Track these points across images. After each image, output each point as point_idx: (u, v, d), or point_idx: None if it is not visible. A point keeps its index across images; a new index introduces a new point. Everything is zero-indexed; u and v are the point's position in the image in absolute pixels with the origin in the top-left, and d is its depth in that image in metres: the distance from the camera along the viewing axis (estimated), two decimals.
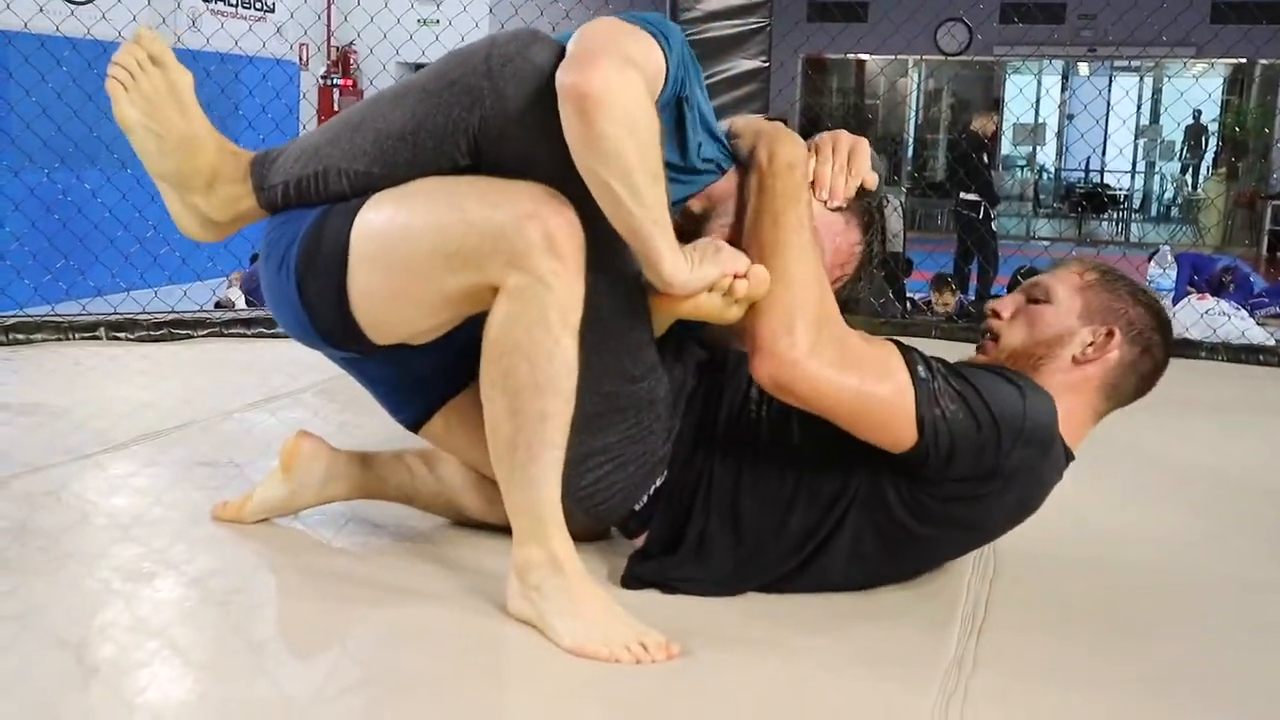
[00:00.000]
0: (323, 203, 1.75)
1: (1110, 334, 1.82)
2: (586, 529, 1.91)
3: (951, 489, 1.76)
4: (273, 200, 1.80)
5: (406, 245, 1.67)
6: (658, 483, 1.86)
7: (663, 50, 1.66)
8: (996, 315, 1.91)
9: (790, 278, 1.70)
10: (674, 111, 1.73)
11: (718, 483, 1.84)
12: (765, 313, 1.69)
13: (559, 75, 1.56)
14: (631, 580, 1.85)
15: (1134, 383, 1.85)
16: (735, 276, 1.67)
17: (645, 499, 1.86)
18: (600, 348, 1.74)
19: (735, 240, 1.78)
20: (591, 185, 1.59)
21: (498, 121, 1.65)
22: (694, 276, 1.64)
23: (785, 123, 1.91)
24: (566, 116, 1.56)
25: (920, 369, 1.72)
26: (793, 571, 1.83)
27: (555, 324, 1.62)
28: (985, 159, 9.64)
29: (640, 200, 1.58)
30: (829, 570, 1.83)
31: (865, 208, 1.88)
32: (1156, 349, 1.85)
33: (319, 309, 1.74)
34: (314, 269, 1.72)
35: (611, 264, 1.70)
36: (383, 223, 1.69)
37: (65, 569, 1.89)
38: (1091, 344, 1.82)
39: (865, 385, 1.69)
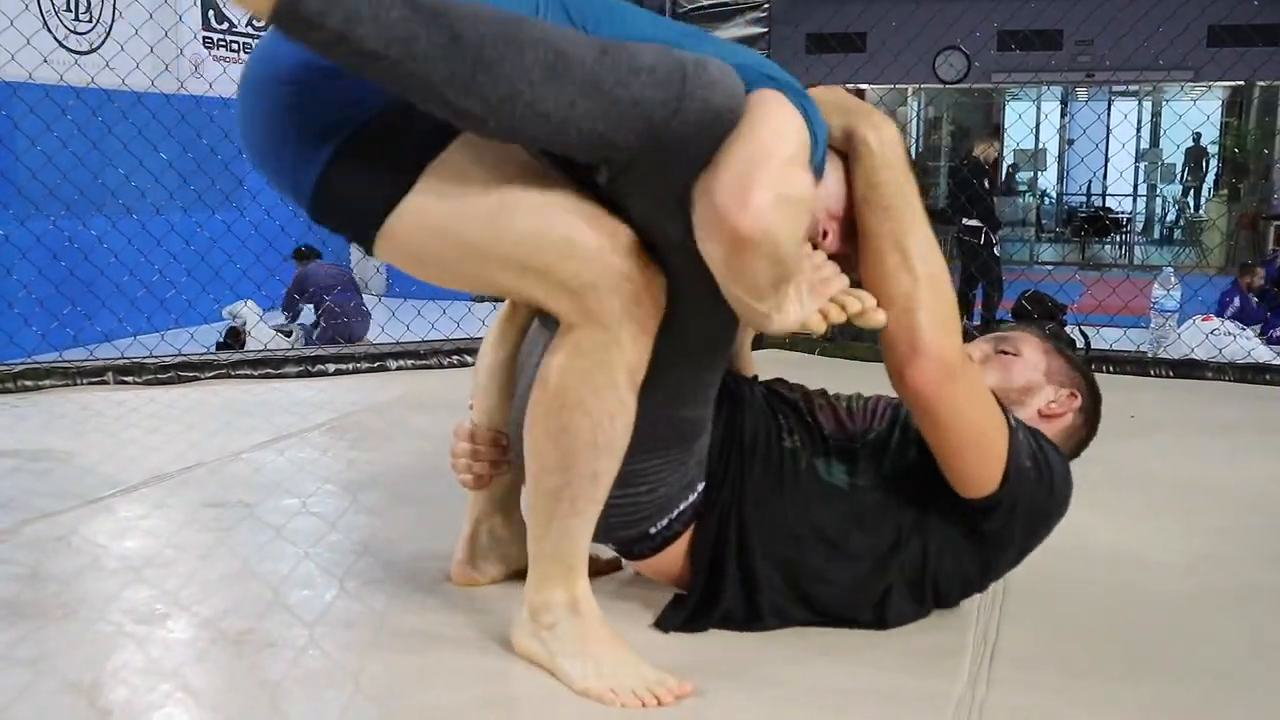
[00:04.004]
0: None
1: (1073, 395, 1.92)
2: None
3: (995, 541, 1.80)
4: (303, 36, 1.36)
5: (483, 230, 1.53)
6: (678, 509, 1.80)
7: (810, 123, 1.51)
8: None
9: (934, 275, 1.61)
10: None
11: (753, 521, 1.78)
12: (917, 311, 1.59)
13: (716, 196, 1.41)
14: (675, 629, 1.80)
15: (1071, 448, 1.93)
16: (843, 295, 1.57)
17: (664, 523, 1.80)
18: (680, 379, 1.71)
19: (848, 227, 1.67)
20: (721, 288, 1.50)
21: (658, 165, 1.49)
22: (798, 317, 1.54)
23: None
24: (714, 243, 1.43)
25: (1010, 417, 1.71)
26: (867, 621, 1.82)
27: (623, 385, 1.58)
28: (987, 185, 9.65)
29: (764, 300, 1.49)
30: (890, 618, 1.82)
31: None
32: (1091, 423, 1.95)
33: (338, 194, 1.54)
34: (364, 165, 1.51)
35: (704, 303, 1.58)
36: (468, 196, 1.52)
37: (77, 613, 1.89)
38: (1055, 400, 1.91)
39: (992, 416, 1.67)
